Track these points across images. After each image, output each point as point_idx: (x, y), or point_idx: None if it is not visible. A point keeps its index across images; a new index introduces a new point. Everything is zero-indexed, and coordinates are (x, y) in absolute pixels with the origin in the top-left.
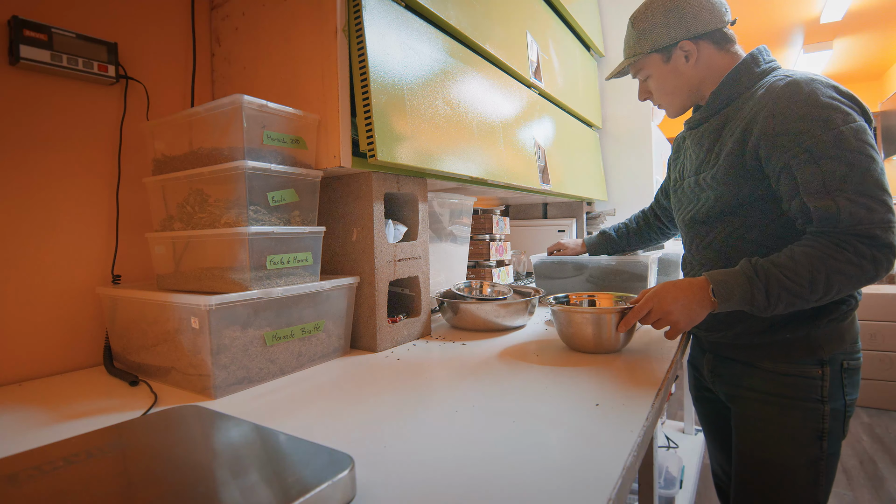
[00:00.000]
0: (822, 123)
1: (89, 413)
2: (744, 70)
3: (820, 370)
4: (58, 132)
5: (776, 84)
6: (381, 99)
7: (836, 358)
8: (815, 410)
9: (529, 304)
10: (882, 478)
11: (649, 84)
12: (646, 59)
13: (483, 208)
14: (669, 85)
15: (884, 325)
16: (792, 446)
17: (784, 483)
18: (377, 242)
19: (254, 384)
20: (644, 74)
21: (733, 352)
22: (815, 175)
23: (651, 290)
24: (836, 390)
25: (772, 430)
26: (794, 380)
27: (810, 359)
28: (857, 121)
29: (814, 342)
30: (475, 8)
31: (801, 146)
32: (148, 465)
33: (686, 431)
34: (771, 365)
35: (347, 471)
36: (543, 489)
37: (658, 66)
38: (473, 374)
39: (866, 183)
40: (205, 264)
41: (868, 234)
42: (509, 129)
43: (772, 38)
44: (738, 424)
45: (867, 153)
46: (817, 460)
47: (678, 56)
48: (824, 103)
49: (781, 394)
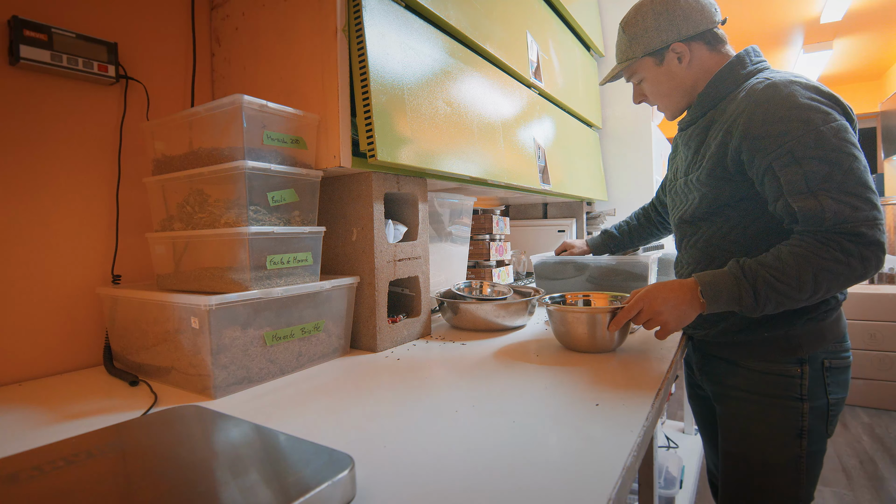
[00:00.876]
0: (801, 124)
1: (89, 413)
2: (728, 72)
3: (799, 368)
4: (58, 132)
5: (756, 87)
6: (381, 99)
7: (816, 356)
8: (795, 409)
9: (529, 304)
10: (882, 478)
11: (644, 87)
12: (638, 62)
13: (483, 208)
14: (664, 87)
15: (884, 325)
16: (772, 444)
17: (765, 480)
18: (377, 242)
19: (254, 384)
20: (638, 78)
21: (718, 350)
22: (798, 175)
23: (642, 291)
24: (817, 389)
25: (753, 428)
26: (773, 378)
27: (789, 357)
28: (838, 120)
29: (793, 341)
30: (475, 8)
31: (782, 147)
32: (148, 465)
33: (686, 431)
34: (753, 363)
35: (347, 471)
36: (543, 489)
37: (651, 70)
38: (473, 374)
39: (849, 181)
40: (205, 264)
41: (854, 231)
42: (509, 129)
43: (772, 38)
44: (723, 422)
45: (849, 151)
46: (797, 458)
47: (671, 58)
48: (803, 104)
49: (762, 392)
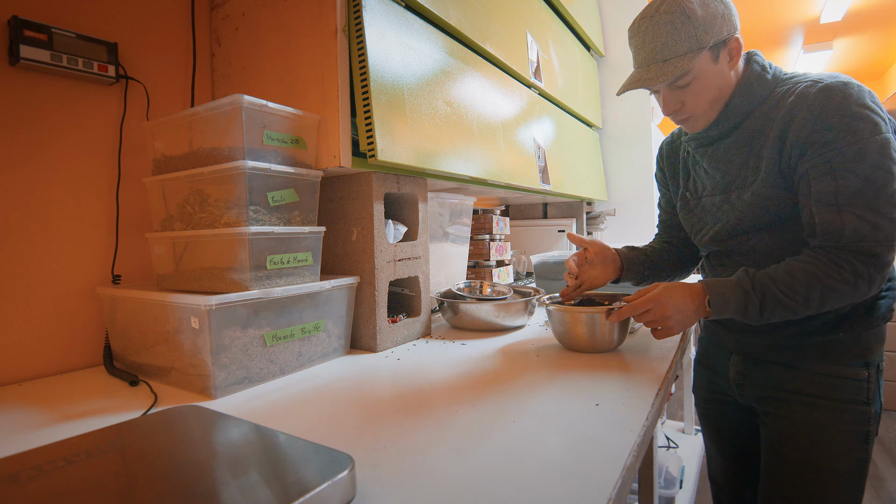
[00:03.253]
0: (848, 135)
1: (89, 413)
2: (757, 79)
3: (866, 372)
4: (58, 132)
5: (807, 91)
6: (381, 99)
7: (875, 360)
8: (863, 413)
9: (529, 305)
10: (882, 478)
11: (689, 91)
12: (701, 57)
13: (483, 208)
14: (713, 91)
15: None
16: (841, 450)
17: (831, 487)
18: (377, 242)
19: (254, 384)
20: (690, 77)
21: (772, 353)
22: (830, 187)
23: (653, 292)
24: (876, 392)
25: (819, 434)
26: (842, 382)
27: (859, 360)
28: (885, 133)
29: (864, 343)
30: (475, 8)
31: (822, 156)
32: (148, 465)
33: (686, 431)
34: (818, 366)
35: (347, 471)
36: (543, 489)
37: (707, 67)
38: (473, 373)
39: (879, 198)
40: (205, 264)
41: (870, 251)
42: (509, 129)
43: (772, 38)
44: (779, 428)
45: (887, 168)
46: (863, 463)
47: (724, 56)
48: (854, 112)
49: (830, 396)
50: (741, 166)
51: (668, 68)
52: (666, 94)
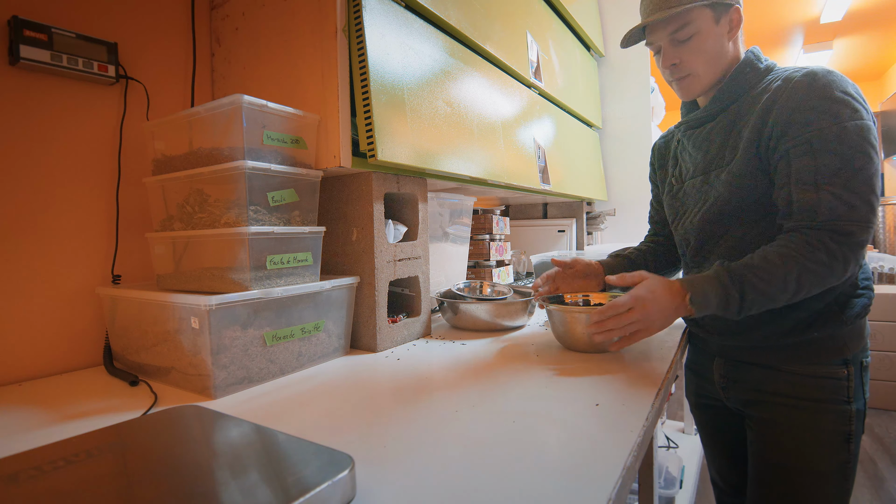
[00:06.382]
0: (829, 117)
1: (89, 413)
2: (749, 66)
3: (845, 370)
4: (58, 132)
5: (793, 75)
6: (381, 99)
7: (857, 356)
8: (844, 412)
9: (529, 305)
10: (882, 478)
11: (688, 46)
12: (699, 10)
13: (483, 208)
14: (710, 53)
15: (884, 325)
16: (824, 451)
17: (815, 489)
18: (377, 242)
19: (254, 384)
20: (691, 31)
21: (752, 355)
22: (810, 167)
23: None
24: (858, 390)
25: (803, 435)
26: (821, 381)
27: (837, 358)
28: (864, 119)
29: (839, 341)
30: (475, 8)
31: (803, 136)
32: (148, 465)
33: (686, 431)
34: (797, 367)
35: (347, 471)
36: (543, 489)
37: (708, 24)
38: (473, 374)
39: (856, 180)
40: (205, 264)
41: (843, 230)
42: (509, 129)
43: (772, 38)
44: (762, 431)
45: (866, 151)
46: (846, 463)
47: (725, 22)
48: (836, 97)
49: (811, 397)
50: (721, 146)
51: (672, 9)
52: (666, 47)
